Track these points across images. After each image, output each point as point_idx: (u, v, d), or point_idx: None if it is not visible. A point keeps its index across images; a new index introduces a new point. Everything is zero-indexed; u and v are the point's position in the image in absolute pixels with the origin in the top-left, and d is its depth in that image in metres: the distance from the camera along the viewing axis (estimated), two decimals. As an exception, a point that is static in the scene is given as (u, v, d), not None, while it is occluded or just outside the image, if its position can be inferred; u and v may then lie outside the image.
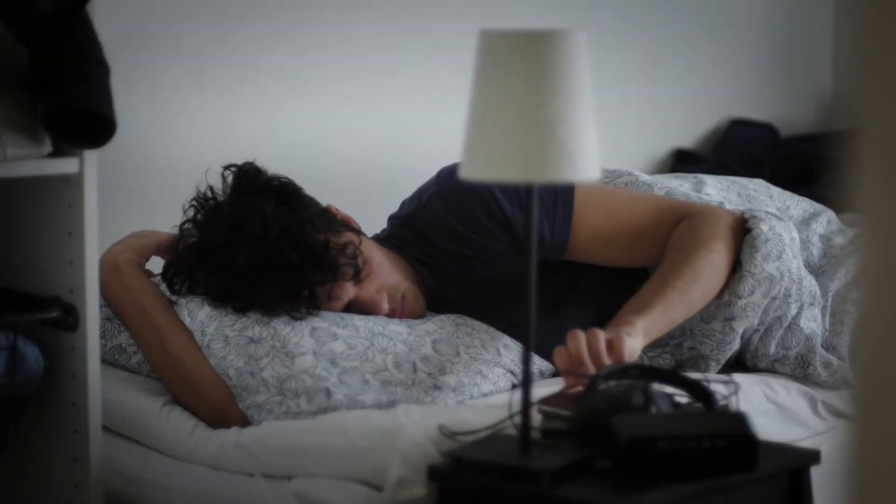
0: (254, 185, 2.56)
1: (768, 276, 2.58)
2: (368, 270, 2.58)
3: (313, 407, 2.35)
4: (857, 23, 1.10)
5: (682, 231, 2.59)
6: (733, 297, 2.59)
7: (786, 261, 2.59)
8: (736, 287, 2.58)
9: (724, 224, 2.60)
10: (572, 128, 1.97)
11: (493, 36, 2.00)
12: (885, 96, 1.09)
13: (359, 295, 2.57)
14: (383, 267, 2.61)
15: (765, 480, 2.10)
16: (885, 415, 1.10)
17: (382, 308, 2.58)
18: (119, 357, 2.59)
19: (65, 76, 2.11)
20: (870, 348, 1.11)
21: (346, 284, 2.55)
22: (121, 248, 2.58)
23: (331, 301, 2.53)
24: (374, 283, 2.58)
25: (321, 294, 2.51)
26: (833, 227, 2.89)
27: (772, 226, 2.60)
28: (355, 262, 2.54)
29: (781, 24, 4.30)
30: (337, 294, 2.53)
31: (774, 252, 2.58)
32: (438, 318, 2.61)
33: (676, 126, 4.07)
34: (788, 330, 2.66)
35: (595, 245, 2.64)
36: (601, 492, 1.99)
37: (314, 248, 2.49)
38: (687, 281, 2.50)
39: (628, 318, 2.42)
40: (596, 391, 2.10)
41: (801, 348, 2.67)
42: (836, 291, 2.77)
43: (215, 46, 3.13)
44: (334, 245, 2.52)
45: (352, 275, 2.55)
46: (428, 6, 3.48)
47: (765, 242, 2.58)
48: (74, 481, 2.25)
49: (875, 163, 1.10)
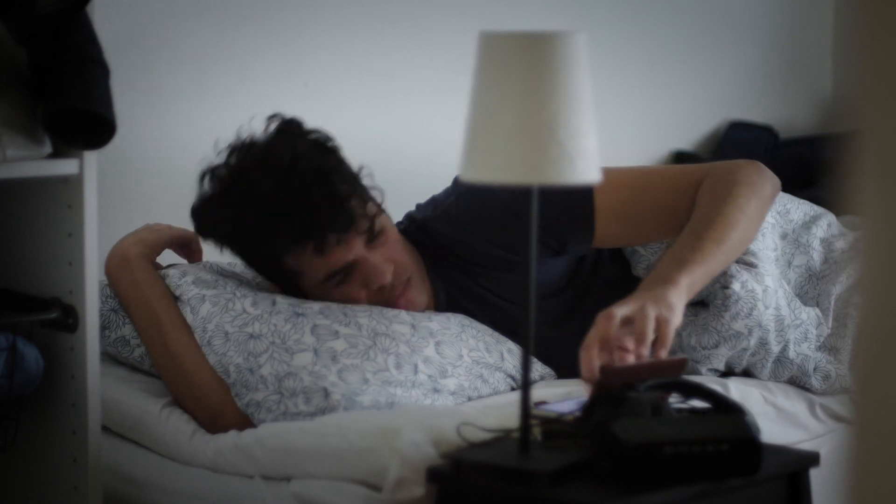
0: (295, 130, 2.56)
1: (735, 333, 2.57)
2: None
3: (311, 408, 2.35)
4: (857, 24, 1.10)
5: (705, 190, 2.53)
6: (698, 345, 2.59)
7: (756, 316, 2.57)
8: (700, 337, 2.58)
9: (745, 171, 2.54)
10: (572, 130, 1.97)
11: (493, 38, 2.00)
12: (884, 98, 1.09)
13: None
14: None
15: (764, 483, 2.10)
16: (884, 417, 1.10)
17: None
18: (122, 349, 2.58)
19: (65, 77, 2.11)
20: (870, 350, 1.11)
21: (358, 239, 2.52)
22: (132, 241, 2.57)
23: (339, 246, 2.49)
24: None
25: (331, 240, 2.48)
26: (834, 230, 2.89)
27: (744, 282, 2.58)
28: (372, 224, 2.53)
29: (781, 26, 4.30)
30: (346, 242, 2.50)
31: (744, 310, 2.57)
32: (444, 318, 2.59)
33: (676, 128, 4.07)
34: (778, 362, 2.65)
35: (621, 227, 2.59)
36: (599, 494, 1.99)
37: (336, 193, 2.48)
38: (720, 230, 2.44)
39: (670, 276, 2.32)
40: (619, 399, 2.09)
41: (794, 372, 2.67)
42: (839, 296, 2.76)
43: (215, 48, 3.13)
44: (357, 200, 2.51)
45: (366, 229, 2.52)
46: (428, 8, 3.48)
47: (735, 302, 2.57)
48: (73, 482, 2.25)
49: (875, 165, 1.10)
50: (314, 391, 2.36)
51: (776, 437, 2.44)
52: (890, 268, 1.09)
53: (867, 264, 1.11)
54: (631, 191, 2.58)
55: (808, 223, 2.88)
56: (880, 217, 1.09)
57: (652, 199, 2.58)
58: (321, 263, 2.51)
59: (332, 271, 2.53)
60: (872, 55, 1.10)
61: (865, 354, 1.11)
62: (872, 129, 1.10)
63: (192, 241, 2.68)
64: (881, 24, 1.09)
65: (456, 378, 2.47)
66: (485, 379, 2.50)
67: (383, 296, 2.57)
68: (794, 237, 2.83)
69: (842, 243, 2.85)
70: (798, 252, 2.81)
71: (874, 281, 1.10)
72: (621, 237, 2.61)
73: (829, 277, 2.80)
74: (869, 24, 1.10)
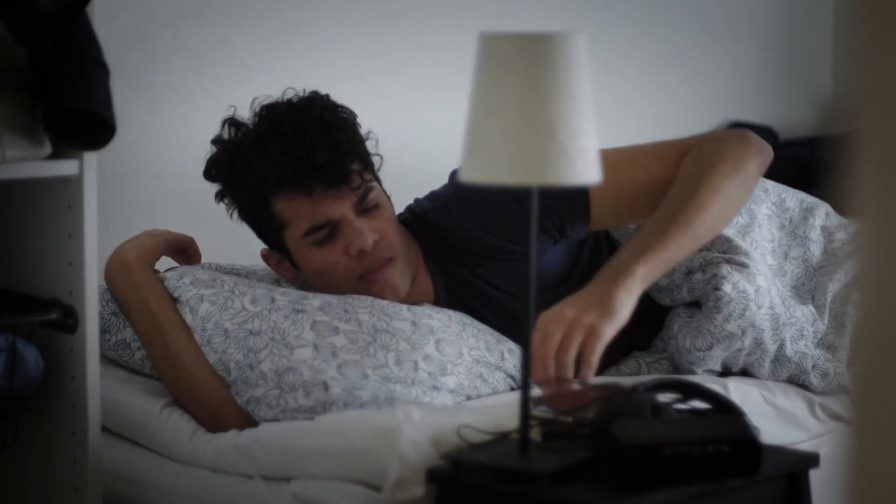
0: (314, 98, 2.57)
1: (728, 334, 2.58)
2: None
3: (311, 401, 2.34)
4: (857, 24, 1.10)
5: (686, 165, 2.53)
6: (692, 347, 2.59)
7: (748, 317, 2.57)
8: (695, 339, 2.59)
9: (729, 146, 2.54)
10: (572, 130, 1.97)
11: (493, 38, 2.00)
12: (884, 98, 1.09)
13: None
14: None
15: (763, 483, 2.10)
16: (884, 417, 1.10)
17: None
18: (122, 353, 2.58)
19: (64, 78, 2.11)
20: (869, 350, 1.11)
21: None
22: (132, 246, 2.58)
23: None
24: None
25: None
26: (833, 219, 2.88)
27: (735, 283, 2.58)
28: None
29: (781, 26, 4.30)
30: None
31: (737, 311, 2.57)
32: (445, 316, 2.59)
33: (676, 128, 4.06)
34: (776, 361, 2.65)
35: (615, 204, 2.59)
36: (599, 494, 2.00)
37: (337, 144, 2.50)
38: (691, 214, 2.45)
39: (628, 265, 2.38)
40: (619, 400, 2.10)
41: (793, 370, 2.67)
42: (836, 293, 2.76)
43: (215, 48, 3.13)
44: (358, 163, 2.53)
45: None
46: (428, 8, 3.48)
47: (727, 304, 2.57)
48: (73, 483, 2.25)
49: (875, 165, 1.10)
50: (314, 385, 2.35)
51: (776, 437, 2.44)
52: (890, 267, 1.09)
53: (867, 264, 1.11)
54: (620, 166, 2.58)
55: (805, 213, 2.87)
56: (880, 217, 1.09)
57: (642, 173, 2.58)
58: (308, 211, 2.51)
59: (317, 224, 2.52)
60: (872, 55, 1.10)
61: (865, 354, 1.11)
62: (872, 129, 1.10)
63: (190, 245, 2.68)
64: (881, 24, 1.09)
65: (456, 376, 2.46)
66: (484, 378, 2.50)
67: (362, 266, 2.54)
68: (791, 228, 2.83)
69: (842, 234, 2.85)
70: (795, 244, 2.81)
71: (874, 281, 1.10)
72: (616, 215, 2.62)
73: (826, 271, 2.79)
74: (869, 24, 1.10)
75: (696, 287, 2.62)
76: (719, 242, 2.64)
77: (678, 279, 2.63)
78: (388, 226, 2.56)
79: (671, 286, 2.64)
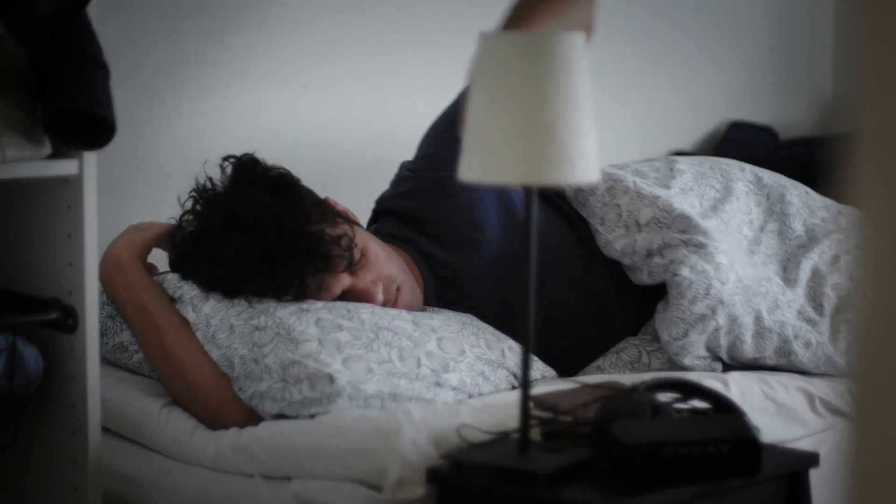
0: (251, 175, 2.57)
1: (699, 316, 2.60)
2: (364, 262, 2.58)
3: (315, 393, 2.33)
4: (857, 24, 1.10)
5: None
6: (670, 338, 2.61)
7: (714, 294, 2.60)
8: (670, 330, 2.60)
9: None
10: (571, 130, 1.97)
11: (493, 38, 2.00)
12: (884, 98, 1.09)
13: (353, 285, 2.57)
14: (379, 258, 2.61)
15: (763, 483, 2.10)
16: (884, 417, 1.10)
17: (377, 298, 2.58)
18: (120, 356, 2.58)
19: (64, 78, 2.11)
20: (870, 350, 1.11)
21: (340, 276, 2.55)
22: (122, 245, 2.57)
23: (321, 292, 2.53)
24: (370, 274, 2.58)
25: (311, 284, 2.51)
26: (813, 197, 2.93)
27: (692, 265, 2.60)
28: (350, 254, 2.55)
29: (781, 26, 4.30)
30: (328, 285, 2.53)
31: (701, 292, 2.59)
32: (445, 316, 2.60)
33: (675, 128, 4.07)
34: (758, 336, 2.66)
35: None
36: (599, 494, 2.00)
37: (306, 239, 2.50)
38: None
39: None
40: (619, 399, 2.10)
41: (776, 343, 2.67)
42: (814, 271, 2.78)
43: (215, 49, 3.13)
44: (329, 236, 2.53)
45: (345, 266, 2.55)
46: (428, 8, 3.48)
47: (689, 287, 2.59)
48: (73, 483, 2.25)
49: (875, 165, 1.10)
50: (319, 377, 2.34)
51: (776, 433, 2.44)
52: (890, 268, 1.09)
53: (867, 264, 1.11)
54: None
55: (781, 190, 2.92)
56: (880, 217, 1.09)
57: None
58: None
59: None
60: (872, 55, 1.10)
61: (865, 354, 1.11)
62: (872, 129, 1.10)
63: (178, 232, 2.67)
64: (881, 24, 1.09)
65: (458, 373, 2.47)
66: (486, 376, 2.50)
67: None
68: (769, 205, 2.88)
69: (824, 213, 2.90)
70: (772, 219, 2.86)
71: (874, 281, 1.10)
72: None
73: (801, 244, 2.83)
74: (869, 24, 1.10)
75: (655, 271, 2.66)
76: (679, 221, 2.67)
77: (639, 261, 2.67)
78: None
79: (633, 267, 2.69)
